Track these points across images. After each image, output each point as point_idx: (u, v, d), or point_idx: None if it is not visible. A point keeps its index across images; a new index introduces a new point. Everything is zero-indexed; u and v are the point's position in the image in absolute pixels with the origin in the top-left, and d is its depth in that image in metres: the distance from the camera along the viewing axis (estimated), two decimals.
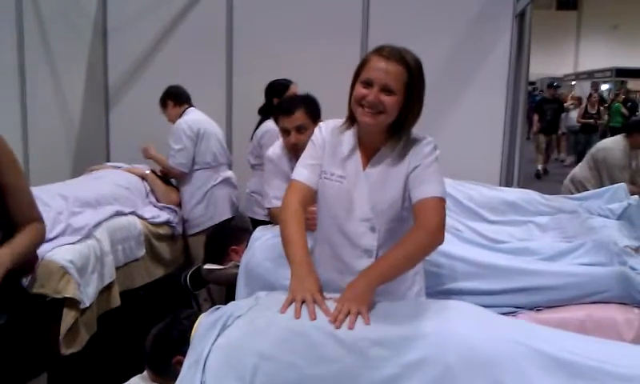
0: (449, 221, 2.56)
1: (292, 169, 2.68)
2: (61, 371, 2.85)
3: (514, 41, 4.00)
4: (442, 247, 2.29)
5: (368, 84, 1.74)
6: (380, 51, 1.75)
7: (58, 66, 4.24)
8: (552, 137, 10.78)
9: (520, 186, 3.95)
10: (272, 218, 2.68)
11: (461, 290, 2.27)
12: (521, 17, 3.95)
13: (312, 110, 2.62)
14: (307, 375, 1.48)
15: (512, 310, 2.21)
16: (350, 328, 1.52)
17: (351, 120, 1.86)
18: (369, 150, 1.85)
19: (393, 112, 1.75)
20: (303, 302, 1.60)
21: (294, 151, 2.57)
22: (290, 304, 1.61)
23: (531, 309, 2.23)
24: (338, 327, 1.52)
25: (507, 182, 4.04)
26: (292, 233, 1.79)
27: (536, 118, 10.47)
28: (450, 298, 2.10)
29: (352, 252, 1.84)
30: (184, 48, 4.50)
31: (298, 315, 1.56)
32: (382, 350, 1.49)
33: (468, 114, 4.08)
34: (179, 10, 4.55)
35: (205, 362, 1.50)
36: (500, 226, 2.79)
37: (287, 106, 2.63)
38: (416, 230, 1.72)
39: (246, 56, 4.39)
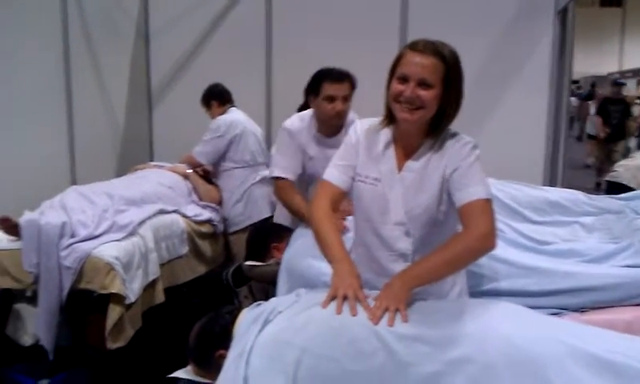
0: None
1: (316, 142, 2.75)
2: (106, 366, 2.93)
3: (556, 39, 3.92)
4: None
5: (404, 79, 1.71)
6: (415, 45, 1.72)
7: (102, 68, 4.35)
8: (618, 144, 8.79)
9: (565, 181, 3.89)
10: (277, 188, 2.78)
11: (503, 291, 2.23)
12: (563, 14, 3.88)
13: (354, 85, 2.73)
14: (349, 370, 1.49)
15: (556, 312, 2.17)
16: (390, 325, 1.52)
17: (389, 118, 1.83)
18: (405, 151, 1.82)
19: (431, 107, 1.71)
20: (345, 297, 1.60)
21: (338, 119, 2.70)
22: (331, 299, 1.61)
23: (576, 310, 2.18)
24: (376, 323, 1.53)
25: (551, 182, 3.97)
26: (328, 232, 1.79)
27: (599, 121, 8.94)
28: (494, 298, 2.08)
29: (388, 255, 1.83)
30: (224, 48, 4.55)
31: (339, 311, 1.57)
32: (423, 346, 1.49)
33: (510, 114, 4.02)
34: (219, 11, 4.60)
35: (248, 356, 1.52)
36: (544, 226, 2.74)
37: (337, 73, 2.69)
38: (464, 234, 1.68)
39: (285, 55, 4.42)
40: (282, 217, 3.00)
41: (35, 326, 2.84)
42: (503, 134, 3.92)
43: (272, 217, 3.50)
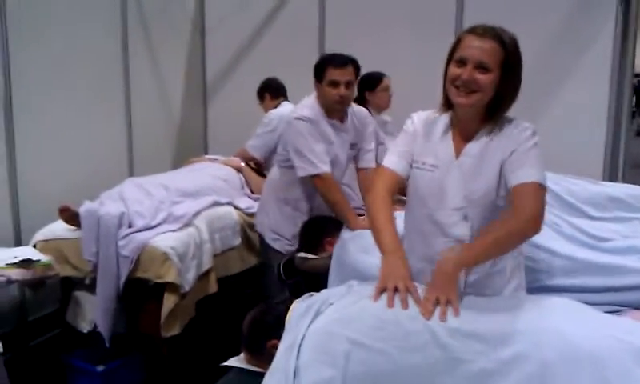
0: (549, 216, 2.49)
1: (332, 127, 2.71)
2: (161, 353, 3.00)
3: (618, 29, 3.77)
4: (542, 242, 2.25)
5: (462, 62, 1.68)
6: (474, 29, 1.71)
7: (159, 63, 4.45)
8: None
9: (626, 180, 3.74)
10: (321, 185, 2.67)
11: (561, 287, 2.18)
12: (626, 1, 3.72)
13: (357, 71, 2.73)
14: (399, 364, 1.47)
15: (615, 309, 2.10)
16: (442, 320, 1.50)
17: (446, 105, 1.81)
18: (463, 137, 1.79)
19: (488, 91, 1.68)
20: (395, 290, 1.59)
21: (341, 104, 2.70)
22: (381, 292, 1.60)
23: (637, 308, 2.11)
24: (428, 318, 1.51)
25: (611, 177, 3.83)
26: (382, 220, 1.79)
27: None
28: (550, 295, 2.03)
29: (444, 242, 1.80)
30: (278, 43, 4.57)
31: (390, 304, 1.56)
32: (477, 343, 1.47)
33: (569, 107, 3.89)
34: (273, 6, 4.64)
35: (299, 347, 1.53)
36: (603, 222, 2.65)
37: (340, 58, 2.69)
38: (511, 216, 1.66)
39: (339, 49, 4.38)
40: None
41: (93, 313, 2.94)
42: (561, 128, 3.80)
43: None
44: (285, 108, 3.90)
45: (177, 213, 3.10)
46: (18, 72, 3.21)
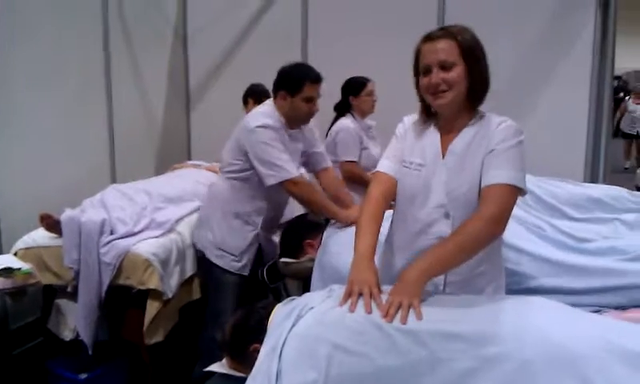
0: (530, 218, 2.51)
1: (289, 136, 2.68)
2: (143, 360, 2.98)
3: (597, 31, 3.82)
4: (523, 244, 2.27)
5: (427, 71, 1.75)
6: (426, 37, 1.79)
7: (141, 70, 4.43)
8: None
9: (606, 182, 3.77)
10: (296, 189, 2.64)
11: (543, 289, 2.20)
12: (605, 5, 3.77)
13: None
14: (381, 366, 1.47)
15: (597, 309, 2.12)
16: (403, 323, 1.51)
17: (425, 113, 1.88)
18: (449, 136, 1.83)
19: (459, 85, 1.74)
20: (360, 294, 1.61)
21: (309, 118, 2.74)
22: (349, 296, 1.62)
23: (617, 308, 2.13)
24: (389, 321, 1.52)
25: (592, 179, 3.87)
26: (363, 222, 1.83)
27: None
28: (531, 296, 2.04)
29: (425, 240, 1.81)
30: (261, 48, 4.58)
31: (352, 308, 1.58)
32: (458, 343, 1.47)
33: (549, 109, 3.93)
34: (255, 12, 4.65)
35: (281, 351, 1.53)
36: (585, 223, 2.68)
37: (316, 74, 2.68)
38: (472, 217, 1.68)
39: (322, 54, 4.41)
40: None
41: (75, 320, 2.91)
42: (542, 132, 3.83)
43: (306, 214, 3.50)
44: None
45: (159, 219, 3.07)
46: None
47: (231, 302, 2.75)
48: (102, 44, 4.01)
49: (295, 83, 2.65)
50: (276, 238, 2.94)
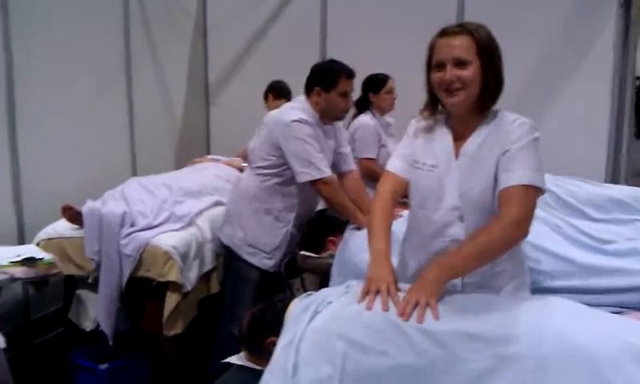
0: (549, 218, 2.50)
1: (323, 133, 2.68)
2: (163, 351, 3.01)
3: (618, 30, 3.76)
4: (543, 244, 2.26)
5: (441, 66, 1.71)
6: (442, 31, 1.74)
7: (161, 64, 4.47)
8: None
9: (628, 184, 3.73)
10: (326, 189, 2.64)
11: (562, 289, 2.18)
12: (627, 4, 3.72)
13: None
14: (398, 364, 1.47)
15: (618, 311, 2.10)
16: (419, 322, 1.50)
17: (430, 108, 1.84)
18: (461, 136, 1.80)
19: (473, 84, 1.70)
20: (378, 291, 1.60)
21: (345, 114, 2.77)
22: (366, 293, 1.62)
23: (637, 309, 2.11)
24: (405, 319, 1.51)
25: (613, 180, 3.83)
26: (375, 221, 1.82)
27: None
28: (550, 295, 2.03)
29: (440, 242, 1.80)
30: (280, 43, 4.60)
31: (370, 306, 1.57)
32: (475, 343, 1.47)
33: (570, 109, 3.89)
34: (275, 7, 4.66)
35: (297, 345, 1.54)
36: (605, 224, 2.65)
37: (350, 70, 2.70)
38: (495, 221, 1.65)
39: (340, 50, 4.38)
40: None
41: (96, 311, 2.95)
42: (563, 129, 3.81)
43: (325, 210, 3.52)
44: None
45: (179, 212, 3.11)
46: (20, 71, 3.23)
47: (252, 296, 2.76)
48: (123, 38, 4.06)
49: (330, 78, 2.65)
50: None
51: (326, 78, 2.67)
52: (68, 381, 3.01)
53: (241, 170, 3.84)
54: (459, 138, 1.80)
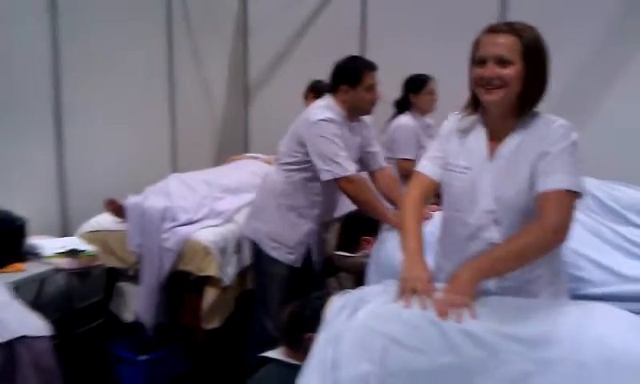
0: (591, 222, 2.45)
1: (349, 129, 2.68)
2: (200, 345, 3.06)
3: None
4: (583, 249, 2.22)
5: (482, 62, 1.69)
6: (488, 29, 1.72)
7: (202, 62, 4.54)
8: None
9: None
10: (351, 187, 2.63)
11: (604, 295, 2.14)
12: None
13: None
14: (436, 363, 1.47)
15: None
16: (457, 321, 1.50)
17: (472, 106, 1.81)
18: (496, 137, 1.77)
19: (514, 84, 1.67)
20: (414, 291, 1.60)
21: (373, 107, 2.74)
22: (402, 293, 1.62)
23: None
24: (443, 319, 1.51)
25: None
26: (408, 222, 1.82)
27: None
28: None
29: (475, 245, 1.78)
30: (320, 43, 4.60)
31: (406, 304, 1.57)
32: (516, 344, 1.46)
33: (614, 112, 3.80)
34: (315, 7, 4.68)
35: (336, 342, 1.55)
36: None
37: (371, 62, 2.72)
38: (534, 225, 1.63)
39: (380, 50, 4.40)
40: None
41: (136, 303, 3.02)
42: (607, 136, 3.72)
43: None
44: None
45: (218, 208, 3.17)
46: (67, 69, 3.32)
47: (279, 292, 2.78)
48: (166, 38, 4.14)
49: (355, 74, 2.66)
50: (327, 233, 2.96)
51: (351, 74, 2.67)
52: (107, 371, 3.08)
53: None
54: (495, 139, 1.77)
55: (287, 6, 4.76)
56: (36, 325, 2.09)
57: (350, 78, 2.67)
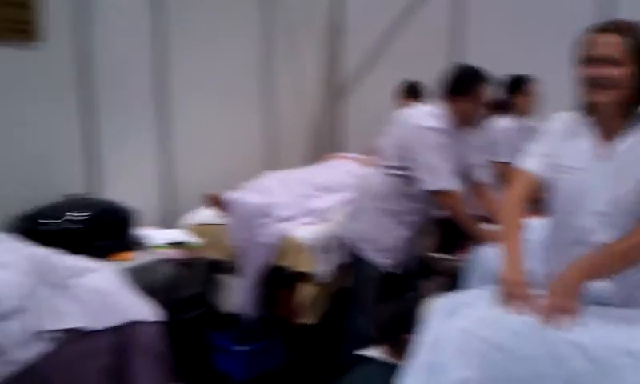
0: None
1: (455, 142, 2.61)
2: (296, 339, 3.13)
3: None
4: None
5: (589, 61, 1.64)
6: (596, 26, 1.66)
7: (296, 61, 4.64)
8: None
9: None
10: (449, 201, 2.60)
11: None
12: None
13: None
14: (539, 372, 1.45)
15: None
16: (563, 329, 1.47)
17: (585, 108, 1.75)
18: (605, 137, 1.72)
19: (624, 84, 1.62)
20: (513, 297, 1.58)
21: (479, 122, 2.71)
22: (503, 297, 1.60)
23: None
24: (545, 324, 1.48)
25: None
26: (507, 224, 1.79)
27: None
28: None
29: (581, 249, 1.71)
30: (416, 42, 4.57)
31: (509, 310, 1.56)
32: (625, 358, 1.41)
33: None
34: (409, 7, 4.64)
35: (437, 345, 1.56)
36: None
37: (487, 76, 2.63)
38: None
39: (475, 52, 4.31)
40: None
41: (236, 295, 3.13)
42: None
43: None
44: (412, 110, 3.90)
45: (314, 206, 3.24)
46: (173, 69, 3.50)
47: (373, 293, 2.78)
48: (263, 36, 4.25)
49: (468, 86, 2.60)
50: (423, 236, 2.93)
51: (464, 85, 2.61)
52: (207, 359, 3.21)
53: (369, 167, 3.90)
54: (604, 139, 1.72)
55: (383, 4, 4.76)
56: (147, 310, 2.21)
57: (463, 89, 2.61)
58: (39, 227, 2.64)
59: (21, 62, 2.79)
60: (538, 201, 1.90)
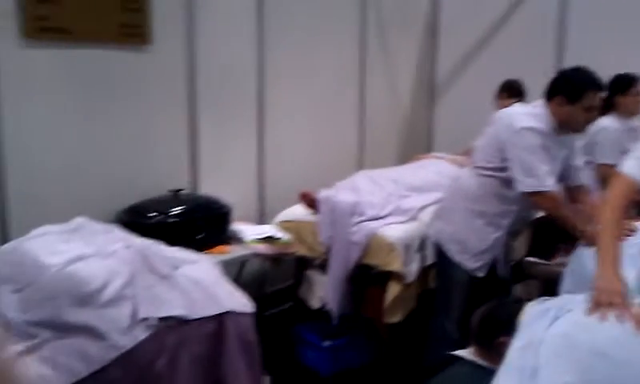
0: None
1: (555, 144, 2.49)
2: (382, 337, 3.14)
3: None
4: None
5: None
6: None
7: (391, 63, 4.62)
8: None
9: None
10: (546, 203, 2.50)
11: None
12: None
13: None
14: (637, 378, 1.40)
15: None
16: None
17: None
18: None
19: None
20: (610, 304, 1.53)
21: (585, 129, 2.60)
22: (598, 305, 1.55)
23: None
24: None
25: None
26: (605, 231, 1.74)
27: None
28: None
29: None
30: (514, 42, 4.44)
31: (604, 318, 1.51)
32: None
33: None
34: (509, 6, 4.53)
35: (537, 348, 1.52)
36: None
37: (599, 82, 2.47)
38: None
39: (579, 51, 4.15)
40: None
41: (323, 291, 3.18)
42: None
43: None
44: (509, 109, 3.80)
45: (404, 206, 3.22)
46: (270, 72, 3.59)
47: (460, 295, 2.73)
48: (358, 36, 4.26)
49: (576, 90, 2.46)
50: (515, 240, 2.85)
51: (572, 88, 2.47)
52: (293, 352, 3.28)
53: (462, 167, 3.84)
54: None
55: (479, 5, 4.67)
56: (242, 301, 2.29)
57: (570, 92, 2.47)
58: (145, 220, 2.79)
59: (133, 63, 2.97)
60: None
